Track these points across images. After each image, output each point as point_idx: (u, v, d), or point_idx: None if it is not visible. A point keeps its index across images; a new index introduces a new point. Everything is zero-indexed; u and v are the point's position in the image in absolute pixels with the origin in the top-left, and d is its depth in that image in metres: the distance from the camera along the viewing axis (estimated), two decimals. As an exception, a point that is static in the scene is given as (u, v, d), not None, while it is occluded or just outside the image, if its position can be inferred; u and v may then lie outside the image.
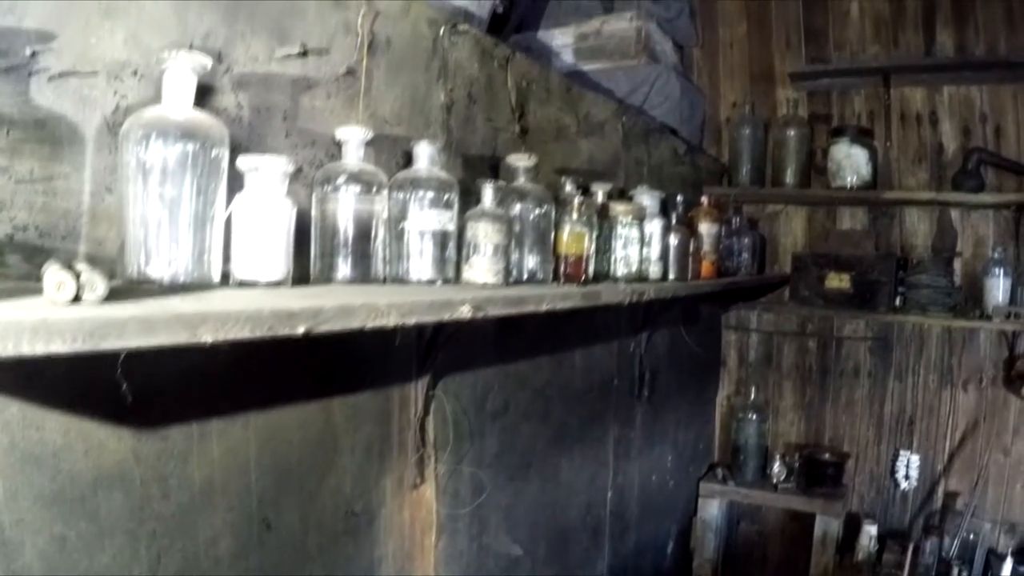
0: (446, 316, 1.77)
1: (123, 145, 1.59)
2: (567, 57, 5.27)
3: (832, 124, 5.94)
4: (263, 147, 2.10)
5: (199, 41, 1.94)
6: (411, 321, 1.64)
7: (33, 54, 1.60)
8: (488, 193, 2.40)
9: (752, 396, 5.91)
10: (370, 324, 1.53)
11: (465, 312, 1.80)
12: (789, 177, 5.80)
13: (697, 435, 6.03)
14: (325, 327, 1.44)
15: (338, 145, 2.18)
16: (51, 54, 1.63)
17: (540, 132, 3.45)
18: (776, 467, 5.66)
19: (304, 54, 2.23)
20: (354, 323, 1.50)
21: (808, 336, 6.14)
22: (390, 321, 1.58)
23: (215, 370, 1.83)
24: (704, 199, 4.35)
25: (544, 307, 2.21)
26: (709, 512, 5.82)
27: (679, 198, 4.02)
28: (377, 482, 2.69)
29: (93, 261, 1.55)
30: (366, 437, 2.62)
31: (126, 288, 1.50)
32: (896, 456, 5.72)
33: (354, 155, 2.14)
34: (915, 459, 5.66)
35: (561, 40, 5.32)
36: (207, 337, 1.25)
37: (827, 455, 5.74)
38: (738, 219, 5.22)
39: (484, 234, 2.30)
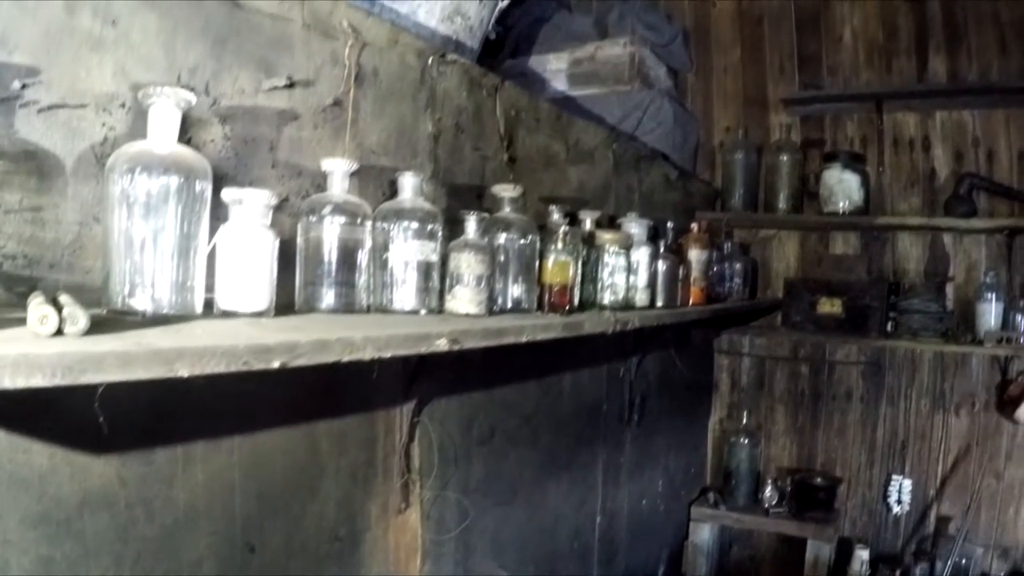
0: (423, 349, 1.79)
1: (108, 178, 1.62)
2: (561, 82, 5.30)
3: (825, 149, 5.97)
4: (250, 178, 2.13)
5: (186, 74, 1.97)
6: (387, 355, 1.67)
7: (23, 87, 1.64)
8: (471, 224, 2.43)
9: (744, 420, 5.92)
10: (345, 358, 1.56)
11: (442, 345, 1.82)
12: (782, 202, 5.83)
13: (689, 459, 6.04)
14: (300, 361, 1.47)
15: (324, 176, 2.21)
16: (41, 87, 1.67)
17: (529, 160, 3.48)
18: (768, 491, 5.67)
19: (291, 86, 2.26)
20: (329, 357, 1.53)
21: (800, 361, 6.15)
22: (365, 355, 1.60)
23: (200, 393, 1.86)
24: (694, 225, 4.38)
25: (524, 338, 2.24)
26: (700, 536, 5.82)
27: (669, 224, 4.06)
28: (362, 507, 2.70)
29: (80, 291, 1.59)
30: (351, 462, 2.64)
31: (110, 319, 1.53)
32: (888, 480, 5.73)
33: (339, 186, 2.18)
34: (907, 483, 5.67)
35: (556, 65, 5.36)
36: (183, 372, 1.28)
37: (819, 479, 5.75)
38: (729, 244, 5.25)
39: (467, 265, 2.33)
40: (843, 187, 5.50)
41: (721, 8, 6.52)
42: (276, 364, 1.42)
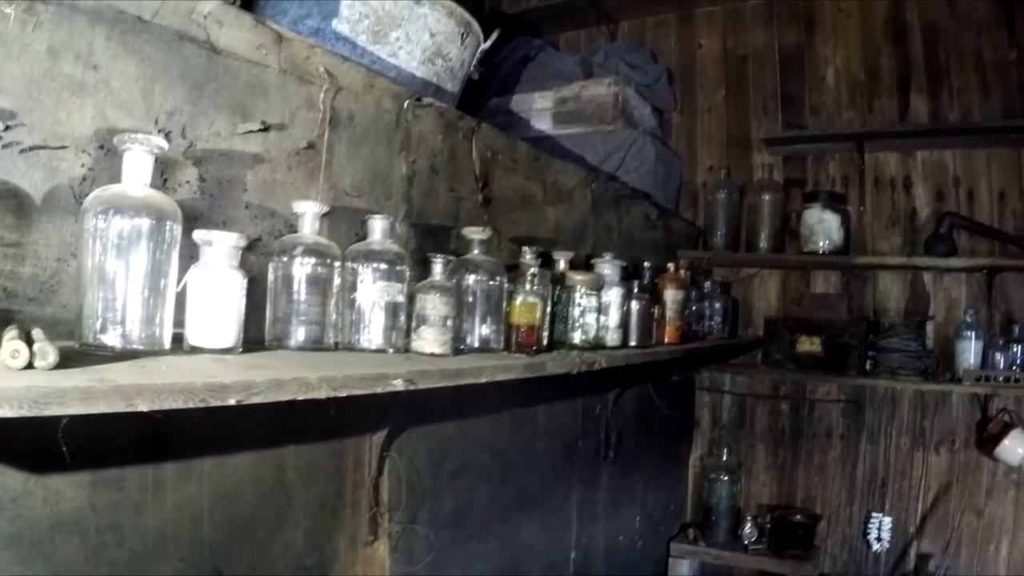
0: (378, 389, 1.85)
1: (84, 218, 1.69)
2: (546, 121, 5.37)
3: (807, 188, 6.03)
4: (224, 218, 2.20)
5: (164, 118, 2.04)
6: (342, 394, 1.72)
7: (6, 128, 1.70)
8: (437, 267, 2.49)
9: (725, 457, 5.95)
10: (300, 397, 1.62)
11: (397, 385, 1.88)
12: (763, 241, 5.89)
13: (668, 496, 6.06)
14: (256, 399, 1.53)
15: (296, 217, 2.28)
16: (23, 128, 1.74)
17: (505, 201, 3.53)
18: (748, 528, 5.70)
19: (265, 129, 2.32)
20: (285, 396, 1.59)
21: (781, 398, 6.19)
22: (320, 394, 1.66)
23: (168, 421, 1.92)
24: (670, 266, 4.44)
25: (483, 379, 2.29)
26: (680, 573, 5.83)
27: (646, 264, 4.12)
28: (330, 538, 2.74)
29: (56, 324, 1.67)
30: (319, 493, 2.69)
31: (81, 354, 1.60)
32: (868, 518, 5.75)
33: (309, 227, 2.24)
34: (887, 521, 5.69)
35: (541, 104, 5.42)
36: (142, 407, 1.35)
37: (798, 517, 5.78)
38: (710, 283, 5.31)
39: (432, 306, 2.39)
40: (823, 227, 5.56)
41: (706, 49, 6.61)
42: (232, 401, 1.48)
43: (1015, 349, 5.18)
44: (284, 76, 2.41)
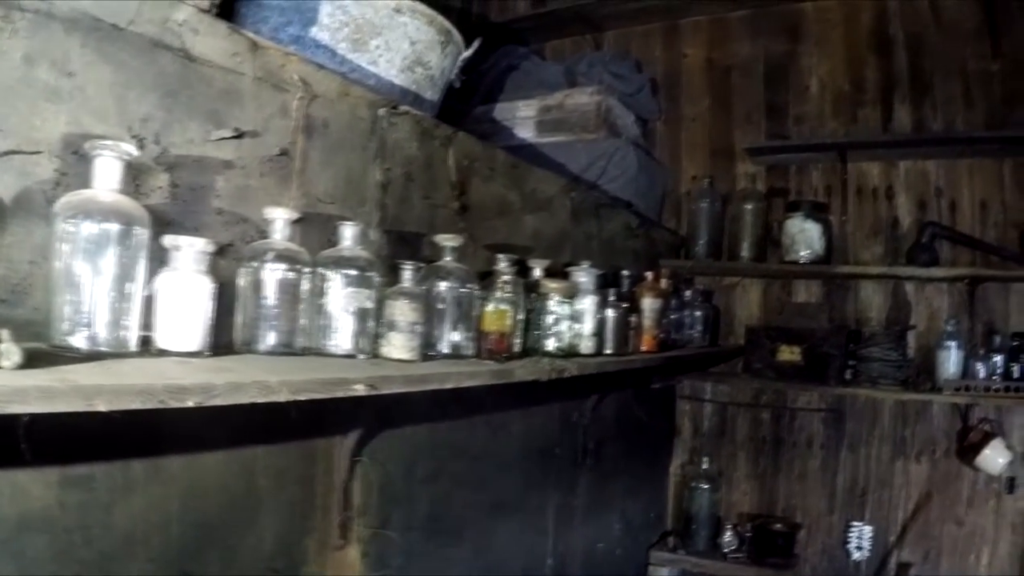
0: (339, 394, 1.87)
1: (54, 222, 1.71)
2: (529, 129, 5.39)
3: (790, 198, 6.06)
4: (196, 224, 2.22)
5: (138, 124, 2.06)
6: (302, 397, 1.75)
7: (-20, 134, 1.73)
8: (406, 273, 2.52)
9: (705, 465, 5.98)
10: (260, 400, 1.65)
11: (359, 390, 1.90)
12: (745, 250, 5.92)
13: (649, 503, 6.08)
14: (216, 402, 1.55)
15: (268, 223, 2.30)
16: (-1, 133, 1.76)
17: (482, 209, 3.55)
18: (727, 537, 5.73)
19: (238, 136, 2.34)
20: (244, 399, 1.61)
21: (762, 407, 6.22)
22: (280, 397, 1.69)
23: (138, 422, 1.94)
24: (648, 274, 4.46)
25: (448, 385, 2.31)
26: (659, 580, 5.87)
27: (624, 273, 4.14)
28: (299, 541, 2.75)
29: (28, 326, 1.69)
30: (290, 497, 2.69)
31: (48, 354, 1.61)
32: (849, 527, 5.77)
33: (280, 233, 2.27)
34: (868, 530, 5.71)
35: (524, 112, 5.45)
36: (101, 407, 1.38)
37: (778, 525, 5.80)
38: (690, 292, 5.34)
39: (401, 312, 2.41)
40: (804, 236, 5.59)
41: (691, 59, 6.64)
42: (191, 403, 1.51)
43: (996, 359, 5.20)
44: (258, 83, 2.43)
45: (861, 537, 5.71)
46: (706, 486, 5.85)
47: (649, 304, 4.20)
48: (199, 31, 2.22)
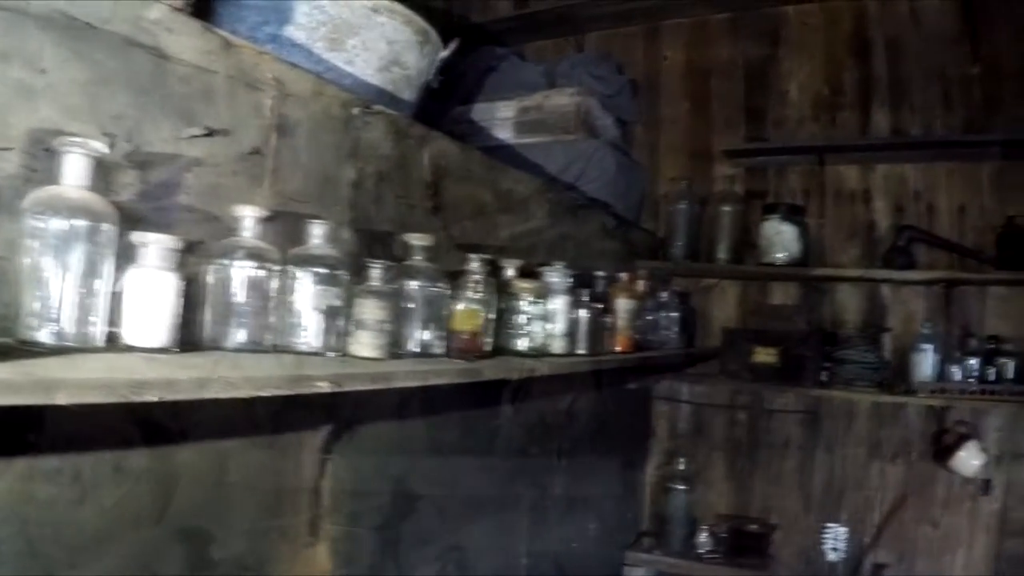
0: (303, 390, 1.88)
1: (22, 218, 1.72)
2: (508, 130, 5.40)
3: (767, 200, 6.08)
4: (166, 221, 2.22)
5: (109, 122, 2.07)
6: (265, 393, 1.76)
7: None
8: (375, 272, 2.53)
9: (681, 466, 6.00)
10: (222, 395, 1.66)
11: (323, 387, 1.92)
12: (722, 252, 5.93)
13: (625, 504, 6.09)
14: (177, 397, 1.57)
15: (238, 220, 2.31)
16: (-31, 131, 1.77)
17: (456, 209, 3.56)
18: (703, 537, 5.75)
19: (210, 134, 2.35)
20: (206, 394, 1.63)
21: (738, 408, 6.23)
22: (242, 393, 1.70)
23: (107, 416, 1.95)
24: (623, 275, 4.47)
25: (414, 383, 2.33)
26: (635, 581, 5.89)
27: (599, 273, 4.16)
28: (270, 539, 2.76)
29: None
30: (259, 494, 2.70)
31: (15, 349, 1.63)
32: (824, 528, 5.79)
33: (250, 231, 2.28)
34: (843, 531, 5.73)
35: (504, 113, 5.45)
36: (62, 400, 1.39)
37: (754, 526, 5.83)
38: (667, 293, 5.35)
39: (369, 310, 2.42)
40: (781, 238, 5.61)
41: (672, 61, 6.66)
42: (152, 398, 1.52)
43: (971, 362, 5.23)
44: (231, 82, 2.44)
45: (837, 538, 5.73)
46: (682, 487, 5.87)
47: (624, 305, 4.22)
48: (172, 30, 2.23)
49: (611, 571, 5.81)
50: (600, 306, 3.91)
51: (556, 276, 3.56)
